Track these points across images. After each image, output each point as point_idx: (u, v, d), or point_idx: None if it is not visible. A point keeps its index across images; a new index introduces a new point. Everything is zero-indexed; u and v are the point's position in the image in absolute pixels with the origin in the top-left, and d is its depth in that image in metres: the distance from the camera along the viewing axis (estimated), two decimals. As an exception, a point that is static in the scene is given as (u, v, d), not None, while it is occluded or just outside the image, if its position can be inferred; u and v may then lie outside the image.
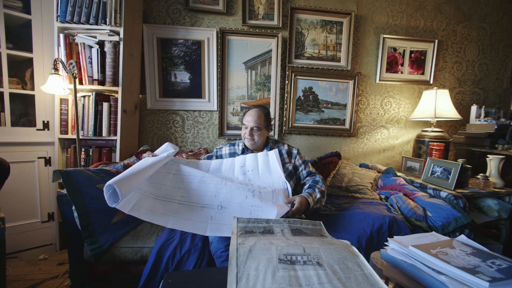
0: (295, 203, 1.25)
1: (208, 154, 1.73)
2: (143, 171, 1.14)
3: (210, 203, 1.21)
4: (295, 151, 1.60)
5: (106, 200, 0.99)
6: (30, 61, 1.91)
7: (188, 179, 1.29)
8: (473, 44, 2.59)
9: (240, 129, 2.39)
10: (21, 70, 1.97)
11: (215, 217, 1.16)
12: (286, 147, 1.61)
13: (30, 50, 1.89)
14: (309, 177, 1.53)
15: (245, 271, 0.56)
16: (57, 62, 1.69)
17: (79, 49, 1.84)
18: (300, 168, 1.56)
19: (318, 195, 1.36)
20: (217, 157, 1.68)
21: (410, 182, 1.93)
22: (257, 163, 1.44)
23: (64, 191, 1.28)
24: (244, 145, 1.60)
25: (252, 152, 1.58)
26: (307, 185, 1.44)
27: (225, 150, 1.67)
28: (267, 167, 1.41)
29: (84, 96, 1.87)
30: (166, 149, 1.41)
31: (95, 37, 1.83)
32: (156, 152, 1.39)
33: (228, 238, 1.14)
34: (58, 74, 1.68)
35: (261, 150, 1.59)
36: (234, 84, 2.36)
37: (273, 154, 1.46)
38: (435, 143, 2.13)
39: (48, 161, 2.00)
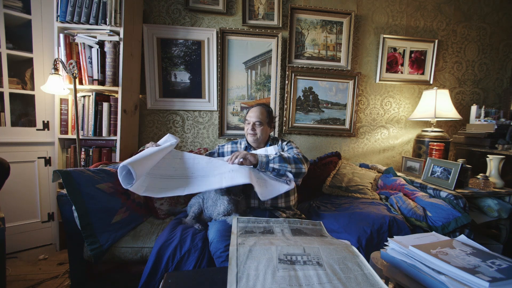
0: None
1: (209, 151, 1.74)
2: (151, 156, 1.19)
3: (220, 172, 1.24)
4: (284, 143, 1.61)
5: (120, 181, 1.03)
6: (30, 61, 1.91)
7: (195, 161, 1.34)
8: (473, 44, 2.59)
9: (240, 129, 2.40)
10: (21, 70, 1.97)
11: (228, 175, 1.19)
12: (280, 142, 1.63)
13: (30, 50, 1.89)
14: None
15: (245, 271, 0.56)
16: (57, 62, 1.69)
17: (79, 49, 1.84)
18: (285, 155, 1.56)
19: (275, 156, 1.33)
20: (218, 154, 1.69)
21: (410, 182, 1.93)
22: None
23: (64, 191, 1.28)
24: (247, 142, 1.62)
25: (255, 150, 1.59)
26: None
27: (227, 147, 1.69)
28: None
29: (84, 96, 1.87)
30: (167, 140, 1.42)
31: (95, 37, 1.83)
32: (159, 143, 1.41)
33: (228, 238, 1.14)
34: (58, 74, 1.68)
35: (262, 147, 1.60)
36: (234, 84, 2.36)
37: (272, 150, 1.48)
38: (435, 143, 2.13)
39: (48, 161, 1.99)
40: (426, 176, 1.94)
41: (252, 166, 1.32)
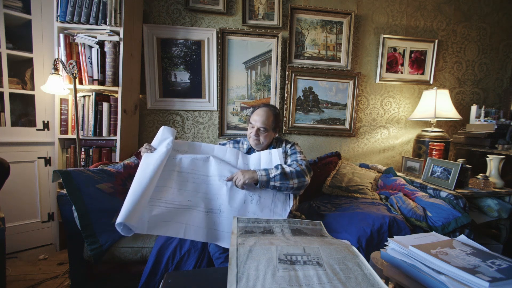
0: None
1: None
2: (147, 190, 1.08)
3: (213, 207, 1.17)
4: (288, 146, 1.51)
5: (121, 233, 0.97)
6: (30, 61, 1.91)
7: (192, 178, 1.23)
8: (473, 44, 2.59)
9: (240, 129, 2.40)
10: (21, 70, 1.97)
11: (216, 222, 1.13)
12: (284, 144, 1.54)
13: (30, 50, 1.89)
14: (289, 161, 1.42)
15: (245, 271, 0.56)
16: (57, 62, 1.69)
17: (79, 49, 1.84)
18: (288, 159, 1.45)
19: (276, 172, 1.23)
20: None
21: (410, 182, 1.93)
22: (260, 163, 1.39)
23: (64, 191, 1.28)
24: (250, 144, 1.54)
25: (259, 151, 1.51)
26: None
27: (229, 146, 1.59)
28: (270, 167, 1.36)
29: (84, 96, 1.87)
30: (163, 137, 1.29)
31: (95, 37, 1.83)
32: (154, 143, 1.28)
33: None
34: (58, 74, 1.68)
35: (265, 149, 1.51)
36: (234, 84, 2.36)
37: (276, 153, 1.40)
38: (435, 143, 2.13)
39: (48, 161, 1.99)
40: (426, 176, 1.94)
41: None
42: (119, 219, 0.94)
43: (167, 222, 1.07)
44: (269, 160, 1.40)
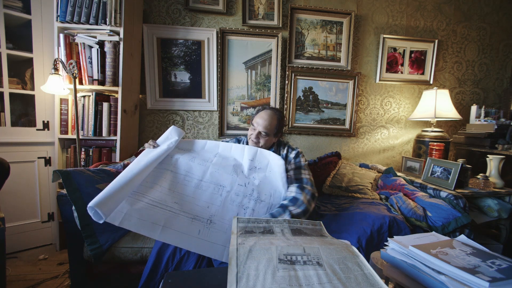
0: None
1: None
2: (134, 179, 1.06)
3: (200, 214, 1.12)
4: (292, 155, 1.43)
5: (92, 217, 0.94)
6: (30, 61, 1.91)
7: (184, 181, 1.20)
8: (473, 44, 2.59)
9: (240, 129, 2.40)
10: (21, 70, 1.97)
11: (202, 232, 1.08)
12: (286, 150, 1.47)
13: (30, 50, 1.89)
14: (293, 187, 1.28)
15: (245, 271, 0.56)
16: (57, 62, 1.69)
17: (79, 49, 1.84)
18: (290, 172, 1.37)
19: (281, 213, 1.16)
20: None
21: (410, 182, 1.93)
22: (267, 166, 1.32)
23: (64, 191, 1.28)
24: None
25: None
26: (280, 204, 1.22)
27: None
28: (274, 175, 1.30)
29: (84, 96, 1.87)
30: (169, 136, 1.28)
31: (95, 37, 1.83)
32: (159, 141, 1.27)
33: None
34: (58, 74, 1.68)
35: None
36: (234, 84, 2.36)
37: (282, 166, 1.30)
38: (435, 143, 2.13)
39: (48, 161, 2.00)
40: (426, 176, 1.94)
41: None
42: (91, 203, 0.91)
43: (143, 221, 1.03)
44: (276, 166, 1.31)
